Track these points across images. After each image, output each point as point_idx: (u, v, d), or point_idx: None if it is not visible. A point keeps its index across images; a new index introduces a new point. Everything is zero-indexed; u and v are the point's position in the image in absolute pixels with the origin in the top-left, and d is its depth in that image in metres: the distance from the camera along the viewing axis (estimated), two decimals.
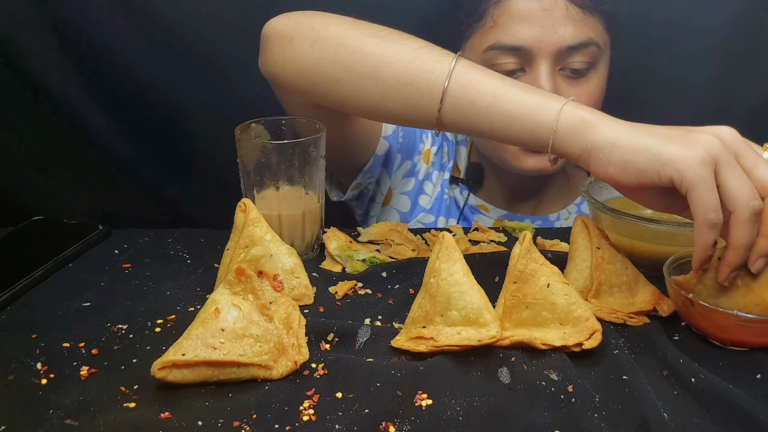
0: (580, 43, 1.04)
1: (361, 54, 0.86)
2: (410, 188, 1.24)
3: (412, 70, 0.83)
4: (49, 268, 0.89)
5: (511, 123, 0.79)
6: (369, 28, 0.89)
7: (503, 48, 1.05)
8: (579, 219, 0.85)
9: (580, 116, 0.75)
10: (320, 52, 0.88)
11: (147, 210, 1.42)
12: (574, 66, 1.05)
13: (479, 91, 0.80)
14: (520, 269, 0.75)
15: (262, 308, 0.70)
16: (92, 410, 0.65)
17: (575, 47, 1.04)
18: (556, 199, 1.26)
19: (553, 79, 1.05)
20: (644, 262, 0.86)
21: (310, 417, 0.64)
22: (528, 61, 1.06)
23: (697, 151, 0.68)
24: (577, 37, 1.04)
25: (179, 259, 0.93)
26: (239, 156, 0.91)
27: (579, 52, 1.05)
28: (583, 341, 0.73)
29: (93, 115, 1.32)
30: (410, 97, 0.84)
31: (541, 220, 1.24)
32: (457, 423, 0.63)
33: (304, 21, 0.91)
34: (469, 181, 1.24)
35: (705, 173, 0.68)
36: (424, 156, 1.25)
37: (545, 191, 1.25)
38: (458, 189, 1.26)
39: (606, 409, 0.65)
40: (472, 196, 1.25)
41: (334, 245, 0.93)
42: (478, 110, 0.80)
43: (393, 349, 0.74)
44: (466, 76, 0.81)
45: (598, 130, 0.74)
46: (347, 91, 0.88)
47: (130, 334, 0.76)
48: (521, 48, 1.04)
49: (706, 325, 0.75)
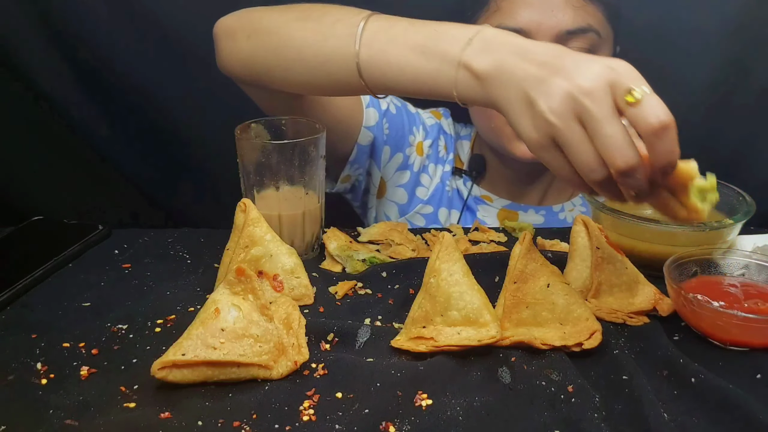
0: (578, 28, 1.05)
1: (287, 39, 0.91)
2: (406, 181, 1.25)
3: (328, 47, 0.85)
4: (49, 268, 0.89)
5: (421, 86, 0.80)
6: (295, 11, 0.93)
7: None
8: (579, 219, 0.85)
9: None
10: (255, 43, 0.94)
11: (147, 210, 1.43)
12: None
13: (387, 56, 0.82)
14: (520, 269, 0.75)
15: (262, 308, 0.70)
16: (92, 410, 0.65)
17: (573, 32, 1.05)
18: (562, 191, 1.26)
19: None
20: (644, 262, 0.86)
21: (310, 417, 0.64)
22: None
23: (539, 133, 0.69)
24: (575, 22, 1.05)
25: (179, 259, 0.93)
26: (239, 156, 0.91)
27: (577, 38, 1.05)
28: (583, 341, 0.73)
29: (91, 116, 1.32)
30: (333, 72, 0.87)
31: (545, 210, 1.24)
32: (457, 423, 0.63)
33: (244, 16, 0.98)
34: (473, 172, 1.25)
35: (542, 156, 0.71)
36: (417, 148, 1.25)
37: (550, 182, 1.25)
38: (461, 180, 1.27)
39: (606, 409, 0.65)
40: (475, 187, 1.26)
41: (334, 245, 0.93)
42: (394, 73, 0.81)
43: (393, 349, 0.74)
44: (374, 43, 0.83)
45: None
46: (282, 75, 0.93)
47: (130, 334, 0.76)
48: (521, 31, 1.05)
49: (706, 325, 0.76)
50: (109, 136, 1.35)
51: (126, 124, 1.35)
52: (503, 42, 0.74)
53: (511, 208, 1.24)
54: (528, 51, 0.72)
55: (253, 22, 0.96)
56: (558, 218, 1.25)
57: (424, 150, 1.26)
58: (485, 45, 0.75)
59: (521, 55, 0.72)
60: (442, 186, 1.26)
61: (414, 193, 1.26)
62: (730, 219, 0.89)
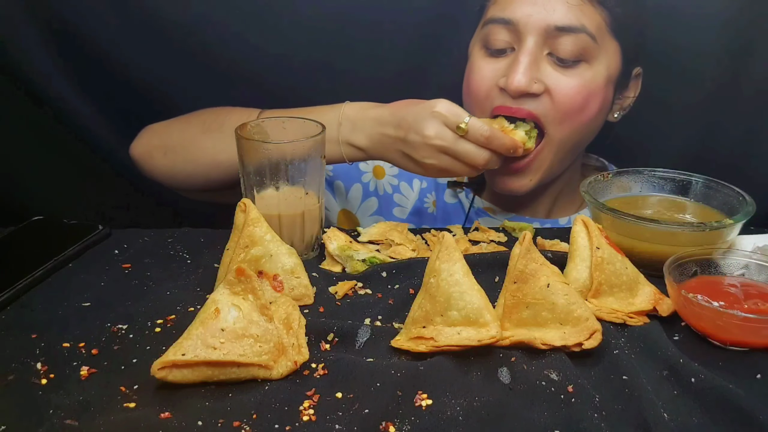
0: (568, 25, 1.02)
1: (199, 150, 1.10)
2: (376, 209, 1.25)
3: (233, 150, 0.93)
4: (49, 268, 0.88)
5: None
6: (197, 124, 1.11)
7: (496, 22, 1.06)
8: (579, 219, 0.85)
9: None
10: (173, 158, 1.12)
11: (147, 210, 1.43)
12: (561, 53, 1.04)
13: None
14: (520, 269, 0.75)
15: (262, 308, 0.70)
16: (92, 410, 0.65)
17: (563, 29, 1.02)
18: (570, 203, 1.23)
19: (536, 60, 1.04)
20: (644, 262, 0.86)
21: (310, 417, 0.64)
22: (517, 39, 1.05)
23: (427, 171, 1.00)
24: (566, 18, 1.03)
25: (179, 259, 0.93)
26: (239, 156, 0.91)
27: (568, 37, 1.03)
28: (583, 341, 0.73)
29: (91, 117, 1.32)
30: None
31: (551, 223, 1.22)
32: (457, 423, 0.63)
33: (154, 136, 1.16)
34: (473, 185, 1.24)
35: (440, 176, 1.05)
36: (374, 173, 1.25)
37: (557, 195, 1.22)
38: (463, 193, 1.26)
39: (606, 409, 0.65)
40: (477, 199, 1.24)
41: (334, 245, 0.93)
42: None
43: (393, 349, 0.74)
44: None
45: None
46: (203, 179, 1.12)
47: (130, 334, 0.76)
48: (511, 22, 1.04)
49: (706, 325, 0.76)
50: (108, 138, 1.35)
51: (126, 125, 1.35)
52: (363, 118, 1.01)
53: (516, 220, 1.22)
54: (382, 119, 0.99)
55: (164, 140, 1.14)
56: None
57: (385, 171, 1.25)
58: (352, 124, 1.01)
59: (381, 125, 0.99)
60: (421, 203, 1.26)
61: (392, 215, 1.25)
62: (730, 219, 0.89)
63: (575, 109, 1.05)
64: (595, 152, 1.31)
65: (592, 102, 1.06)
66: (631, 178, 1.02)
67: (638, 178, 1.02)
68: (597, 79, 1.06)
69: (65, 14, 1.24)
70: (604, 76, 1.07)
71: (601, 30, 1.05)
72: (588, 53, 1.04)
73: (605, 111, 1.12)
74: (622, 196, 1.00)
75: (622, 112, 1.16)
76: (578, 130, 1.07)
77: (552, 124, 1.05)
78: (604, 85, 1.07)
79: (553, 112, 1.04)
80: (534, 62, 1.03)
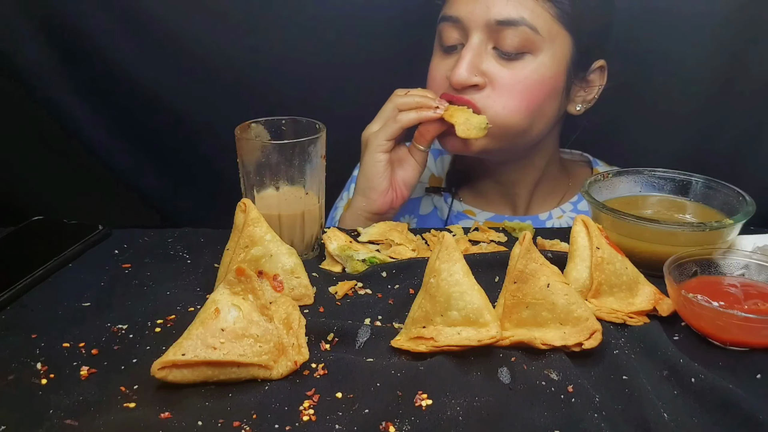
0: (507, 19, 1.05)
1: None
2: None
3: None
4: (49, 268, 0.88)
5: None
6: None
7: (446, 20, 1.11)
8: (579, 219, 0.85)
9: None
10: None
11: (146, 210, 1.43)
12: (505, 47, 1.07)
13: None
14: (520, 269, 0.75)
15: (262, 308, 0.70)
16: (92, 410, 0.65)
17: (503, 22, 1.05)
18: (548, 197, 1.26)
19: (479, 54, 1.07)
20: (644, 262, 0.86)
21: (310, 417, 0.64)
22: (465, 35, 1.09)
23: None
24: (505, 12, 1.05)
25: (179, 259, 0.93)
26: (239, 156, 0.91)
27: (510, 30, 1.05)
28: (583, 341, 0.73)
29: (90, 118, 1.32)
30: None
31: (531, 219, 1.23)
32: (457, 423, 0.63)
33: None
34: (451, 188, 1.25)
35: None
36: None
37: (532, 189, 1.24)
38: (442, 198, 1.27)
39: (606, 409, 0.65)
40: (456, 202, 1.25)
41: (334, 245, 0.93)
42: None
43: (393, 349, 0.74)
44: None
45: None
46: None
47: (130, 334, 0.76)
48: (457, 19, 1.08)
49: (706, 325, 0.76)
50: (109, 138, 1.35)
51: (125, 126, 1.35)
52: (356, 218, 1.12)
53: (495, 219, 1.23)
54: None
55: None
56: (545, 226, 1.23)
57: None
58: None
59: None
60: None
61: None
62: (730, 219, 0.89)
63: (516, 98, 1.08)
64: (594, 152, 1.31)
65: (537, 91, 1.09)
66: (631, 178, 1.02)
67: (638, 178, 1.02)
68: (541, 70, 1.08)
69: (66, 19, 1.24)
70: (550, 66, 1.09)
71: (546, 22, 1.07)
72: (531, 45, 1.07)
73: (558, 101, 1.13)
74: (622, 196, 1.00)
75: (586, 105, 1.17)
76: (523, 116, 1.09)
77: (493, 109, 1.07)
78: (551, 75, 1.09)
79: (493, 100, 1.07)
80: (478, 56, 1.07)
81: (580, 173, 1.28)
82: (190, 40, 1.27)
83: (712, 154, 1.28)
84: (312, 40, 1.28)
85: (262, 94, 1.31)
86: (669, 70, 1.25)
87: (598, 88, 1.17)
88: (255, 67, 1.30)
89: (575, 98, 1.16)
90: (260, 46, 1.28)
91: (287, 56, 1.29)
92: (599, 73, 1.17)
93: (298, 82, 1.31)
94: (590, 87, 1.17)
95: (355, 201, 1.12)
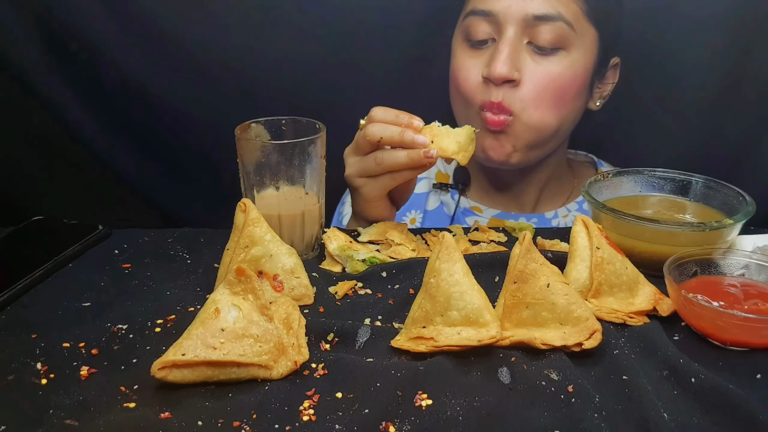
0: (545, 14, 1.05)
1: None
2: None
3: None
4: (49, 268, 0.88)
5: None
6: None
7: (477, 14, 1.10)
8: (579, 219, 0.85)
9: None
10: None
11: (146, 210, 1.43)
12: (540, 42, 1.07)
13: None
14: (520, 269, 0.75)
15: (262, 308, 0.70)
16: (92, 410, 0.65)
17: (540, 17, 1.05)
18: (555, 196, 1.26)
19: (516, 49, 1.07)
20: (644, 262, 0.86)
21: (310, 417, 0.64)
22: (498, 30, 1.09)
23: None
24: (543, 8, 1.06)
25: (179, 259, 0.93)
26: (239, 156, 0.91)
27: (546, 26, 1.06)
28: (583, 341, 0.73)
29: (90, 118, 1.32)
30: None
31: (537, 217, 1.24)
32: (457, 423, 0.63)
33: None
34: (458, 184, 1.25)
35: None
36: None
37: (542, 188, 1.25)
38: (449, 194, 1.26)
39: (606, 409, 0.65)
40: (463, 199, 1.25)
41: (334, 245, 0.93)
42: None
43: (393, 349, 0.74)
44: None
45: None
46: None
47: (130, 334, 0.76)
48: (491, 13, 1.08)
49: (706, 325, 0.76)
50: (109, 138, 1.35)
51: (125, 126, 1.35)
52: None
53: (502, 216, 1.24)
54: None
55: None
56: (551, 225, 1.24)
57: None
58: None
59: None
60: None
61: None
62: (730, 219, 0.89)
63: (550, 95, 1.08)
64: (595, 152, 1.31)
65: (569, 88, 1.10)
66: (631, 178, 1.02)
67: (638, 178, 1.02)
68: (574, 66, 1.09)
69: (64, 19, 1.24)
70: (582, 63, 1.10)
71: (578, 18, 1.08)
72: (566, 41, 1.07)
73: (584, 97, 1.14)
74: (622, 196, 1.01)
75: (602, 100, 1.18)
76: (555, 115, 1.09)
77: (528, 109, 1.07)
78: (582, 72, 1.10)
79: (529, 98, 1.07)
80: (514, 51, 1.06)
81: (585, 173, 1.28)
82: (191, 40, 1.27)
83: (714, 155, 1.28)
84: (312, 40, 1.28)
85: (262, 94, 1.31)
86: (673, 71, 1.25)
87: (612, 85, 1.18)
88: (255, 68, 1.30)
89: (594, 94, 1.17)
90: (260, 46, 1.28)
91: (287, 56, 1.29)
92: (614, 70, 1.18)
93: (298, 82, 1.31)
94: (606, 84, 1.18)
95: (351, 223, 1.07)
